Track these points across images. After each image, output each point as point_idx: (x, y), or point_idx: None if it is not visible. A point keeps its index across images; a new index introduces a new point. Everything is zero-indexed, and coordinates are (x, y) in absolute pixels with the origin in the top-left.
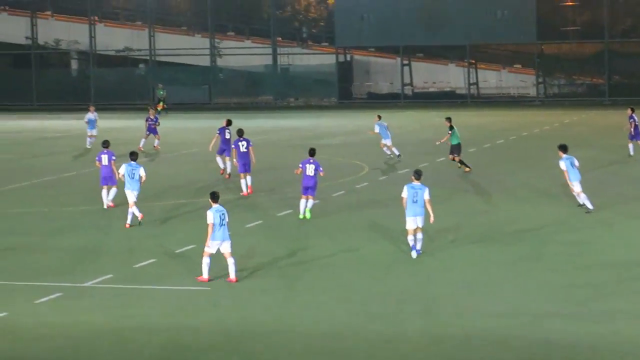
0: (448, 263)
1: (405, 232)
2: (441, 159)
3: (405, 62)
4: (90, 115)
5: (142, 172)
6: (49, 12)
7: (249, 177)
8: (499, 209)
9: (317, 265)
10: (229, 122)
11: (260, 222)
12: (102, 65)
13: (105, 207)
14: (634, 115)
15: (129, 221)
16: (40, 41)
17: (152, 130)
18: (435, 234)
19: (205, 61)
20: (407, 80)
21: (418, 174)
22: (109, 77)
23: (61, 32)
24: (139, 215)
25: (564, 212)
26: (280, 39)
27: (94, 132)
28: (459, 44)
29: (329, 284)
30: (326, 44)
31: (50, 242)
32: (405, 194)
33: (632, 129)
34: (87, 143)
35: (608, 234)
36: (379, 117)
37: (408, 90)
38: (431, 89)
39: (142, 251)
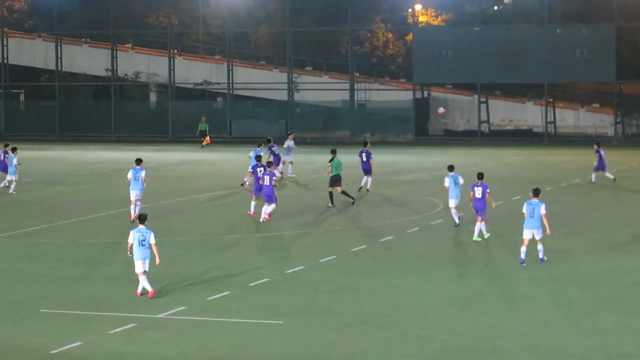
0: (523, 302)
1: (521, 242)
2: (517, 197)
3: (483, 99)
4: (289, 142)
5: (143, 174)
6: (129, 45)
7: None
8: (574, 249)
9: (390, 301)
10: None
11: (334, 256)
12: (181, 98)
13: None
14: (600, 149)
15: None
16: (120, 73)
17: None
18: (514, 272)
19: (282, 96)
20: (484, 117)
21: (536, 192)
22: (187, 110)
23: (141, 64)
24: (133, 214)
25: (636, 255)
26: (357, 74)
27: (289, 158)
28: (537, 82)
29: (402, 321)
30: (403, 80)
31: (127, 273)
32: (524, 209)
33: (596, 162)
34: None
35: None
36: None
37: (485, 128)
38: (508, 127)
39: (215, 284)
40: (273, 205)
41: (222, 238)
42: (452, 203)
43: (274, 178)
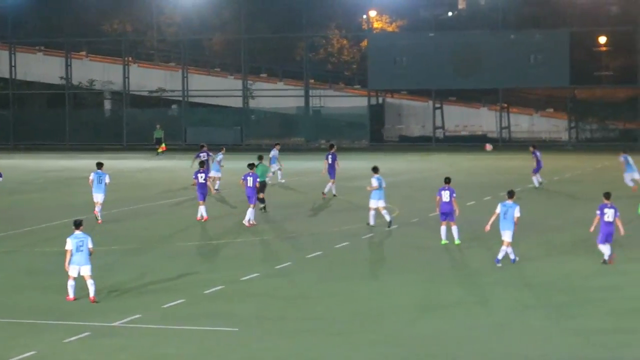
0: (480, 307)
1: (501, 243)
2: (471, 203)
3: (437, 105)
4: (274, 151)
5: (107, 178)
6: (83, 53)
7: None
8: (529, 254)
9: (346, 307)
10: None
11: (289, 263)
12: (135, 106)
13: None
14: (536, 151)
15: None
16: (75, 81)
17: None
18: (468, 278)
19: (237, 102)
20: (438, 123)
21: (510, 194)
22: (142, 118)
23: (95, 72)
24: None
25: (596, 258)
26: (312, 81)
27: (275, 167)
28: (491, 87)
29: (360, 326)
30: (358, 86)
31: (81, 281)
32: (498, 210)
33: (535, 164)
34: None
35: (638, 280)
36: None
37: (439, 134)
38: (463, 133)
39: (171, 291)
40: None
41: (177, 245)
42: (373, 204)
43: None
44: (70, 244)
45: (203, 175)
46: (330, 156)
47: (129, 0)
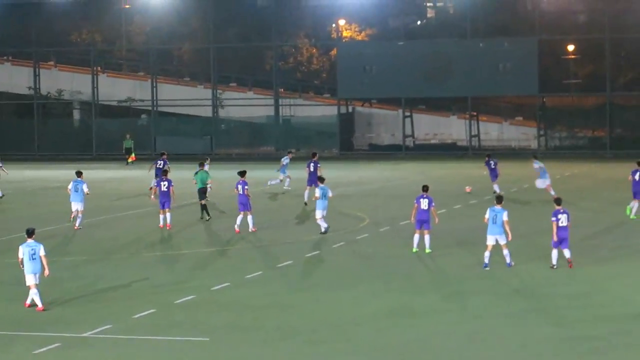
0: (450, 315)
1: (485, 248)
2: (442, 211)
3: (407, 113)
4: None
5: (84, 186)
6: (52, 63)
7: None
8: (498, 262)
9: (318, 316)
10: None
11: (260, 272)
12: (105, 116)
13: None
14: (490, 160)
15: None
16: (43, 91)
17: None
18: (439, 286)
19: (207, 112)
20: (408, 131)
21: (499, 199)
22: (111, 128)
23: (64, 82)
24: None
25: (564, 264)
26: (282, 90)
27: (280, 176)
28: (460, 96)
29: (332, 335)
30: (328, 95)
31: (51, 292)
32: (487, 215)
33: (489, 172)
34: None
35: (608, 287)
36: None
37: (409, 142)
38: (433, 141)
39: (141, 301)
40: (250, 216)
41: (147, 255)
42: (319, 214)
43: (246, 187)
44: (21, 252)
45: (166, 183)
46: (312, 164)
47: (98, 10)
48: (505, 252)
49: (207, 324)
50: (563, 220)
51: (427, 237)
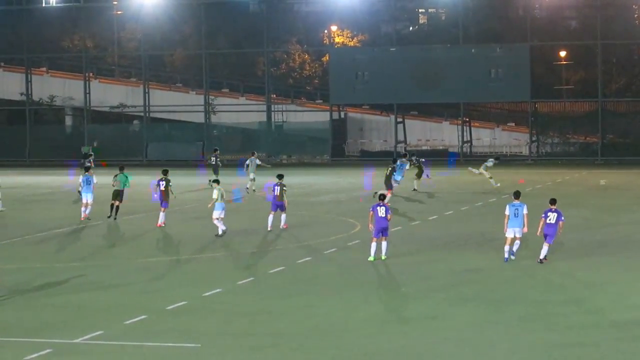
0: (441, 322)
1: (504, 242)
2: (433, 217)
3: (399, 119)
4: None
5: (94, 180)
6: (44, 69)
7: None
8: (490, 267)
9: (309, 322)
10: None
11: (252, 278)
12: (97, 122)
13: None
14: (420, 159)
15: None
16: (35, 97)
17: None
18: (429, 292)
19: (199, 118)
20: (400, 137)
21: (517, 194)
22: (104, 134)
23: (56, 88)
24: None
25: (555, 271)
26: (274, 96)
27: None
28: (453, 102)
29: (323, 341)
30: (320, 101)
31: (42, 299)
32: (507, 211)
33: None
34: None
35: (599, 293)
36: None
37: (401, 148)
38: (424, 147)
39: (133, 307)
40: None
41: (138, 261)
42: (216, 214)
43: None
44: None
45: (164, 182)
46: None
47: (90, 16)
48: (517, 242)
49: (198, 330)
50: (552, 218)
51: (384, 244)
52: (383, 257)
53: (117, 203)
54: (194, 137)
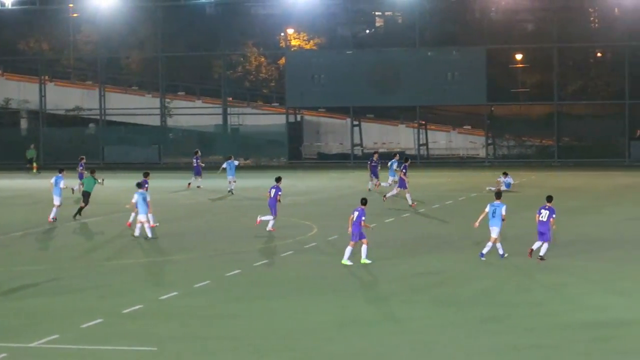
0: (401, 325)
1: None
2: (390, 219)
3: (356, 122)
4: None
5: (62, 183)
6: None
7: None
8: (450, 270)
9: (266, 326)
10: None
11: (209, 281)
12: (52, 125)
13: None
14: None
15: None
16: None
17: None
18: (388, 295)
19: (155, 121)
20: (357, 140)
21: (498, 195)
22: (59, 137)
23: (11, 91)
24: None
25: (515, 273)
26: (231, 99)
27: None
28: (409, 105)
29: (280, 344)
30: (277, 104)
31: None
32: (487, 209)
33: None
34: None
35: (558, 295)
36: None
37: (358, 151)
38: (381, 150)
39: (89, 311)
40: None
41: (94, 264)
42: (142, 218)
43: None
44: None
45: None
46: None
47: (46, 18)
48: (498, 245)
49: (155, 334)
50: (544, 215)
51: (364, 247)
52: (362, 261)
53: (83, 205)
54: (150, 140)
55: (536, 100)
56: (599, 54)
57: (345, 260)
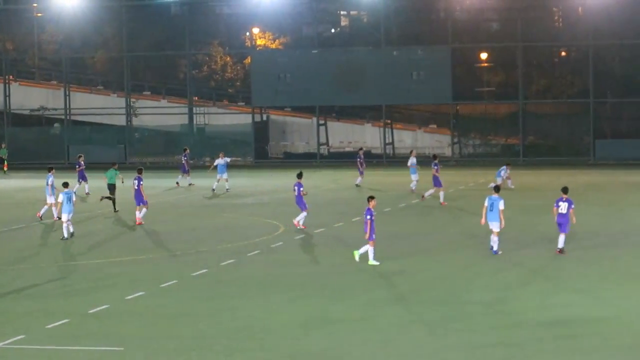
0: (365, 323)
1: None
2: (356, 219)
3: (321, 121)
4: (220, 160)
5: (50, 180)
6: None
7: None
8: (416, 269)
9: (233, 325)
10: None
11: (175, 281)
12: (17, 125)
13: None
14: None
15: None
16: None
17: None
18: (352, 294)
19: (121, 120)
20: (323, 139)
21: (496, 189)
22: (24, 137)
23: None
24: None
25: (481, 272)
26: (196, 98)
27: (224, 176)
28: (375, 104)
29: (247, 343)
30: (242, 103)
31: None
32: (486, 203)
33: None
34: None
35: (520, 294)
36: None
37: (324, 150)
38: (347, 149)
39: (55, 311)
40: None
41: (60, 264)
42: (65, 217)
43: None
44: None
45: (136, 182)
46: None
47: (9, 18)
48: (495, 239)
49: (121, 334)
50: (563, 207)
51: (371, 249)
52: (354, 254)
53: (110, 195)
54: (115, 139)
55: (501, 99)
56: (563, 53)
57: (372, 261)
